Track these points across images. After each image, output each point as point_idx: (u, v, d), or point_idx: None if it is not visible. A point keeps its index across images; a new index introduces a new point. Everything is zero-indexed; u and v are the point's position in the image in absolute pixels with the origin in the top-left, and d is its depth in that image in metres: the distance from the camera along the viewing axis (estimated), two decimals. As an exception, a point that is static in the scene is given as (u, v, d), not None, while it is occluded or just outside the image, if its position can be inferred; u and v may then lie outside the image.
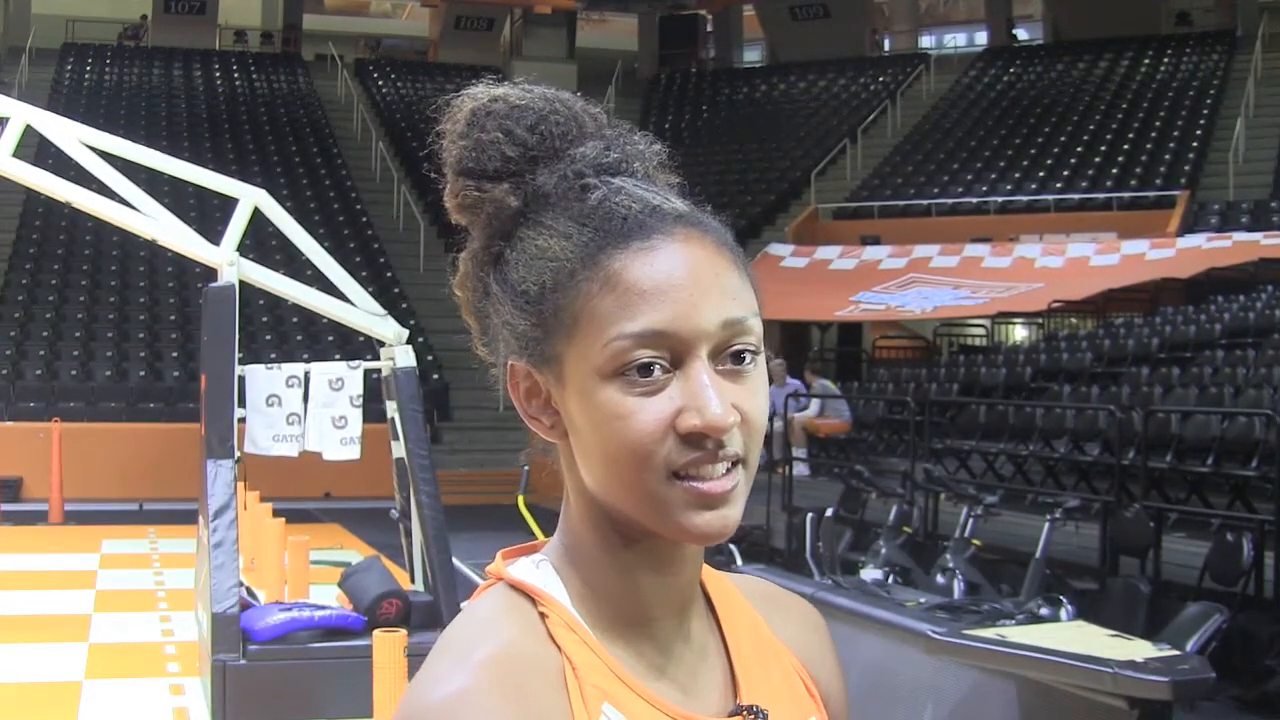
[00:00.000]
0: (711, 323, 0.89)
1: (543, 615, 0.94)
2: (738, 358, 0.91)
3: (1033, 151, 23.69)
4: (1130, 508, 8.51)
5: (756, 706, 0.98)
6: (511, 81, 0.99)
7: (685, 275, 0.89)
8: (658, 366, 0.88)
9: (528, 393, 0.96)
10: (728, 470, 0.90)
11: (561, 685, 0.90)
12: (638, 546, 0.94)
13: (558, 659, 0.91)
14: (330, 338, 18.49)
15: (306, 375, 7.13)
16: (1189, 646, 5.52)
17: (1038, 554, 7.76)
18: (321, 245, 7.30)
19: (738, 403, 0.90)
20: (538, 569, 0.97)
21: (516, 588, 0.96)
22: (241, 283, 6.66)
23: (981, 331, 21.56)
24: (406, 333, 7.11)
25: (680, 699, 0.95)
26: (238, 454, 6.63)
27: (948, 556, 8.05)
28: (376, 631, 5.12)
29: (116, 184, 6.71)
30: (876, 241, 21.20)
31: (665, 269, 0.89)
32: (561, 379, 0.92)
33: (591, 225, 0.91)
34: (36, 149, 9.31)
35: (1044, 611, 5.95)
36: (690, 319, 0.89)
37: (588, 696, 0.90)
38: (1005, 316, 20.19)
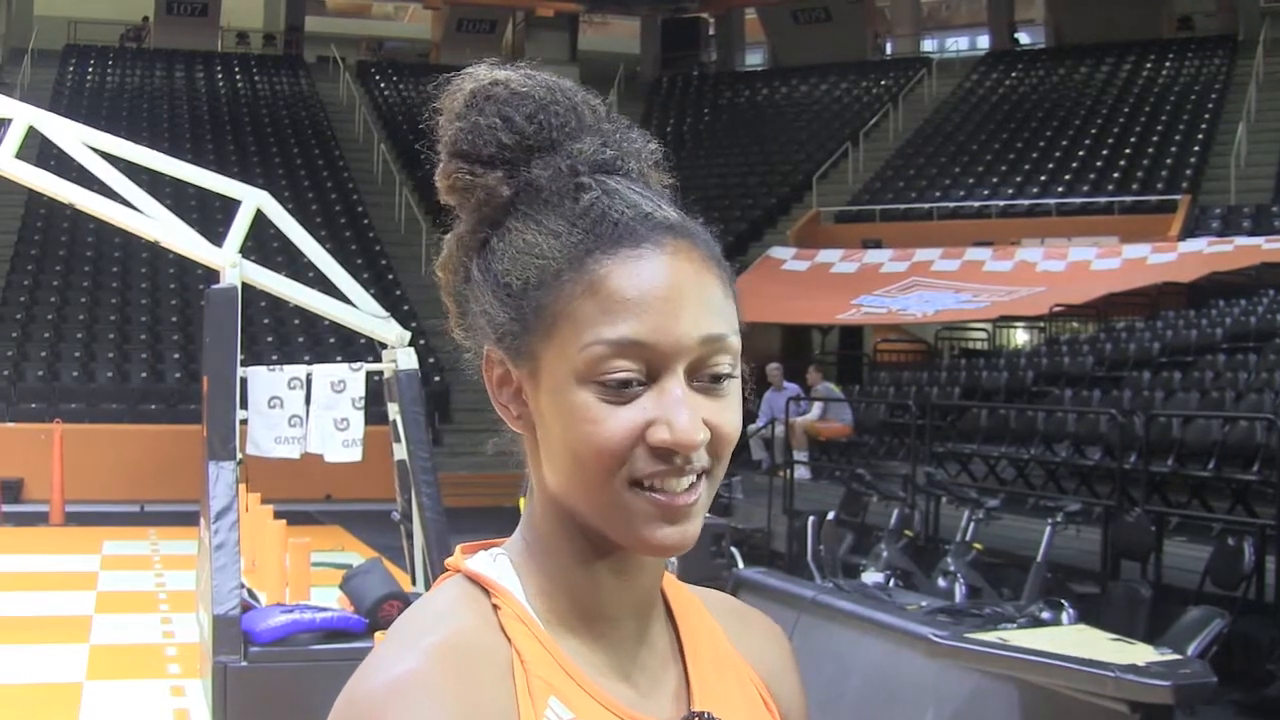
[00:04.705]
0: (691, 337, 0.88)
1: (496, 607, 0.93)
2: (715, 379, 0.90)
3: (1034, 155, 23.68)
4: (1131, 512, 8.51)
5: (709, 714, 0.96)
6: (514, 65, 0.97)
7: (669, 287, 0.88)
8: (634, 382, 0.88)
9: (499, 380, 0.95)
10: (691, 484, 0.89)
11: (510, 676, 0.90)
12: (598, 545, 0.94)
13: (508, 650, 0.91)
14: (332, 340, 18.49)
15: (308, 377, 7.12)
16: (1190, 650, 5.51)
17: (1039, 558, 7.76)
18: (323, 247, 7.30)
19: (709, 418, 0.89)
20: (495, 563, 0.97)
21: (472, 580, 0.95)
22: (243, 284, 6.66)
23: (983, 335, 21.53)
24: (408, 335, 7.10)
25: (632, 699, 0.95)
26: (239, 456, 6.62)
27: (949, 560, 8.05)
28: (378, 634, 5.13)
29: (118, 185, 6.70)
30: (878, 245, 21.20)
31: (650, 279, 0.88)
32: (536, 375, 0.92)
33: (582, 227, 0.90)
34: (39, 150, 9.33)
35: (1045, 615, 5.94)
36: (670, 331, 0.88)
37: (534, 689, 0.90)
38: (1006, 320, 20.17)
